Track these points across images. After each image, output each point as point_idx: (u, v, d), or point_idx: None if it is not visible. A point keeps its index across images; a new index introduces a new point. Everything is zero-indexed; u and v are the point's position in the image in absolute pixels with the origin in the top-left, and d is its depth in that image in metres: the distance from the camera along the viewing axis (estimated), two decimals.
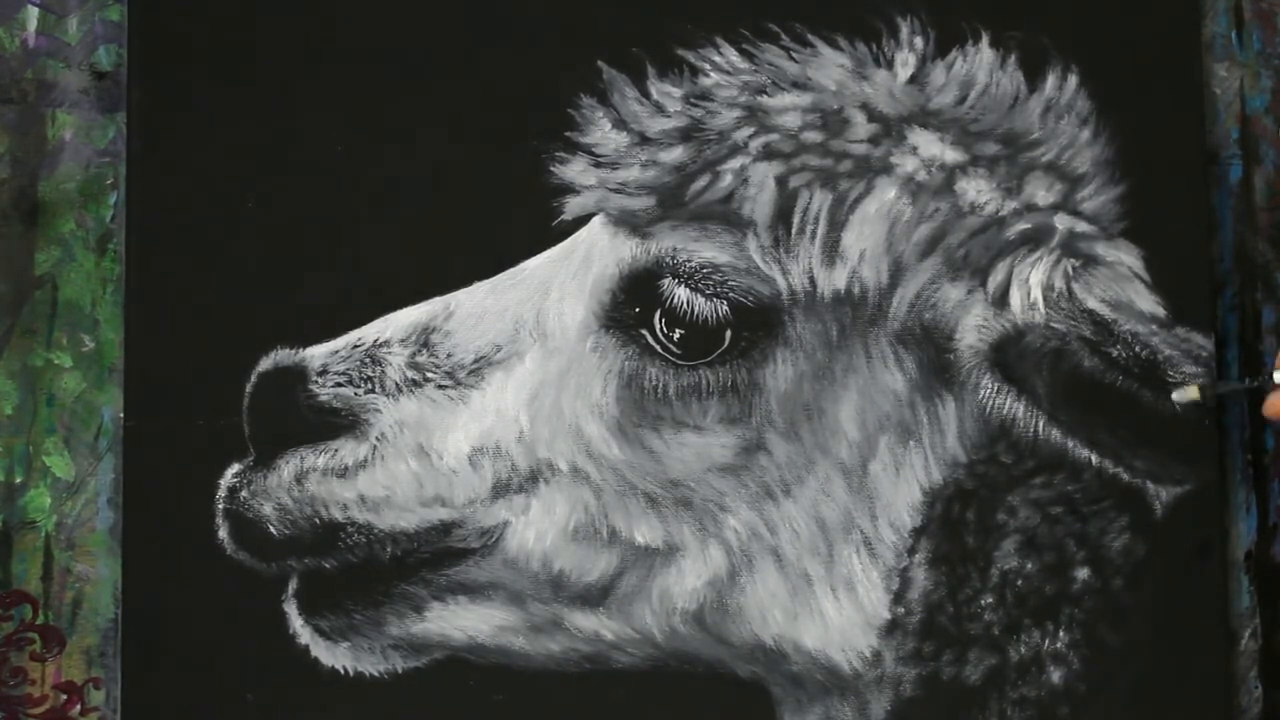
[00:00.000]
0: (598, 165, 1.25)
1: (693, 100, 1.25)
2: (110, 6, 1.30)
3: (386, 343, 1.25)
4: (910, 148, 1.24)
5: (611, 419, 1.23)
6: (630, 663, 1.25)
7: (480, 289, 1.26)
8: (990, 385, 1.23)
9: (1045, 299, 1.23)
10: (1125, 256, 1.25)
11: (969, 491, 1.23)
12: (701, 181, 1.23)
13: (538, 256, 1.26)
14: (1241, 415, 1.28)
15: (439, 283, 1.26)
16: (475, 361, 1.24)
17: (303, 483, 1.23)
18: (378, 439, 1.23)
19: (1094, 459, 1.23)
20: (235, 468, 1.25)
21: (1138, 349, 1.22)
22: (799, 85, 1.25)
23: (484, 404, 1.24)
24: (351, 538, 1.23)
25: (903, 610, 1.23)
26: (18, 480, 1.27)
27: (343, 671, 1.25)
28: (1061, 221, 1.24)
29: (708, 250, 1.23)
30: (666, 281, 1.23)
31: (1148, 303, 1.24)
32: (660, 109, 1.25)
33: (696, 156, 1.24)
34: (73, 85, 1.29)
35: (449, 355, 1.24)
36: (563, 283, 1.25)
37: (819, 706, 1.25)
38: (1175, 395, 1.22)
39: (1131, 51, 1.28)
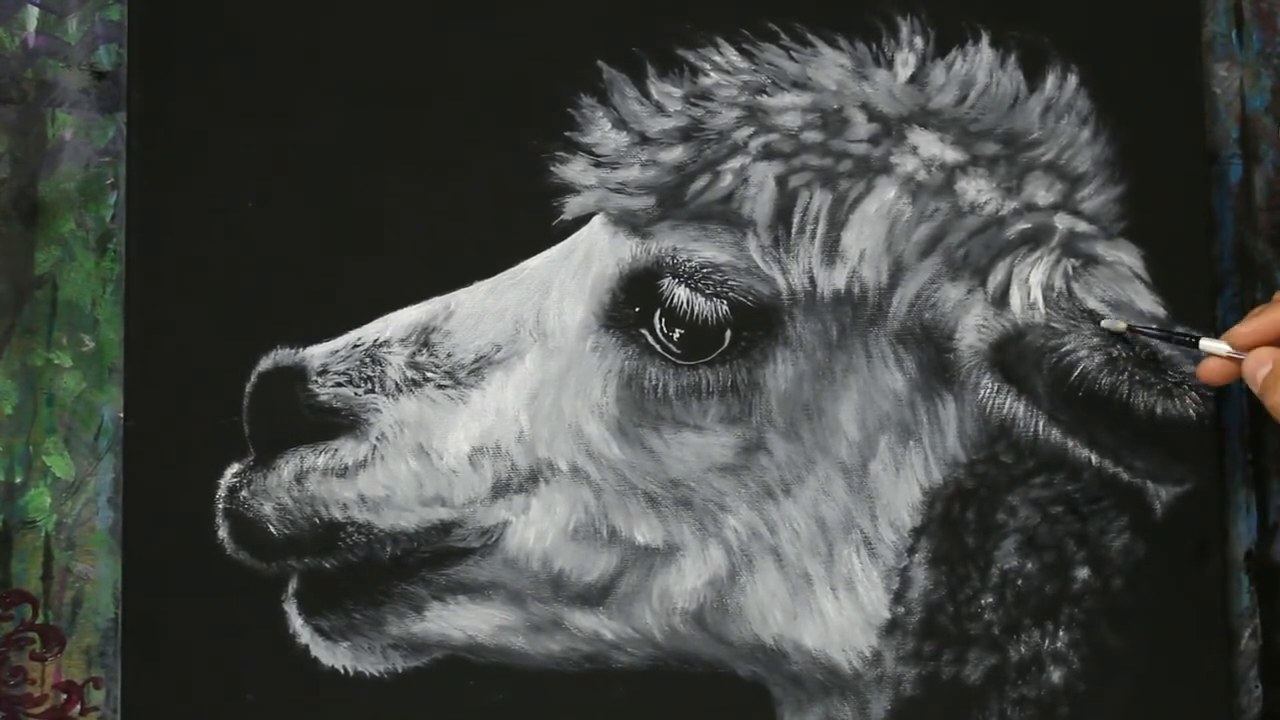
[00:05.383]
0: (598, 165, 1.25)
1: (693, 100, 1.25)
2: (110, 6, 1.30)
3: (386, 342, 1.25)
4: (910, 147, 1.24)
5: (611, 419, 1.23)
6: (630, 663, 1.25)
7: (480, 289, 1.26)
8: (990, 385, 1.23)
9: (1045, 299, 1.23)
10: (1125, 256, 1.25)
11: (969, 491, 1.23)
12: (701, 181, 1.23)
13: (538, 256, 1.26)
14: (1241, 415, 1.28)
15: (439, 283, 1.26)
16: (475, 361, 1.24)
17: (303, 482, 1.23)
18: (378, 439, 1.23)
19: (1094, 459, 1.23)
20: (235, 468, 1.25)
21: (1138, 349, 1.22)
22: (799, 85, 1.25)
23: (484, 404, 1.24)
24: (351, 537, 1.23)
25: (903, 610, 1.23)
26: (18, 480, 1.27)
27: (343, 671, 1.25)
28: (1061, 221, 1.24)
29: (708, 250, 1.23)
30: (666, 281, 1.23)
31: (1148, 303, 1.24)
32: (660, 109, 1.25)
33: (696, 156, 1.24)
34: (73, 85, 1.29)
35: (449, 355, 1.24)
36: (563, 282, 1.25)
37: (819, 706, 1.25)
38: (1105, 322, 1.22)
39: (1131, 51, 1.28)
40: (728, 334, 1.23)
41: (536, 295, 1.25)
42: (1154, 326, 1.21)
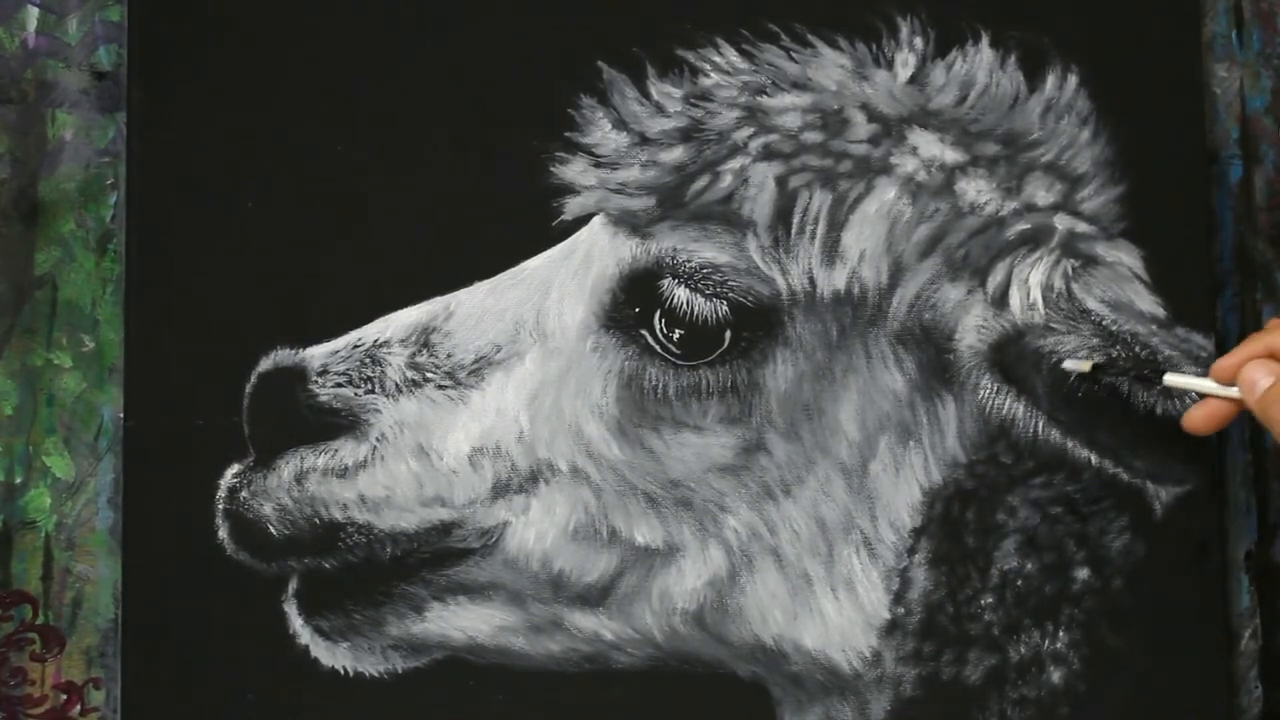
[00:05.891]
0: (598, 165, 1.25)
1: (693, 100, 1.25)
2: (110, 6, 1.30)
3: (386, 343, 1.25)
4: (910, 148, 1.24)
5: (611, 419, 1.23)
6: (630, 663, 1.25)
7: (480, 289, 1.26)
8: (990, 385, 1.23)
9: (1045, 299, 1.23)
10: (1125, 257, 1.25)
11: (969, 491, 1.23)
12: (701, 182, 1.23)
13: (538, 256, 1.26)
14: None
15: (439, 283, 1.26)
16: (475, 361, 1.24)
17: (303, 483, 1.23)
18: (378, 439, 1.23)
19: (1094, 459, 1.23)
20: (235, 468, 1.25)
21: (1138, 349, 1.22)
22: (799, 85, 1.25)
23: (484, 404, 1.24)
24: (351, 538, 1.23)
25: (903, 610, 1.23)
26: (18, 480, 1.27)
27: (343, 671, 1.25)
28: (1061, 222, 1.24)
29: (708, 250, 1.23)
30: (666, 281, 1.23)
31: (1147, 303, 1.24)
32: (660, 109, 1.25)
33: (696, 157, 1.24)
34: (73, 85, 1.29)
35: (449, 355, 1.24)
36: (563, 283, 1.25)
37: (819, 706, 1.25)
38: (1068, 364, 1.21)
39: (1131, 51, 1.28)
40: (728, 334, 1.23)
41: (536, 295, 1.25)
42: (1119, 363, 1.21)
